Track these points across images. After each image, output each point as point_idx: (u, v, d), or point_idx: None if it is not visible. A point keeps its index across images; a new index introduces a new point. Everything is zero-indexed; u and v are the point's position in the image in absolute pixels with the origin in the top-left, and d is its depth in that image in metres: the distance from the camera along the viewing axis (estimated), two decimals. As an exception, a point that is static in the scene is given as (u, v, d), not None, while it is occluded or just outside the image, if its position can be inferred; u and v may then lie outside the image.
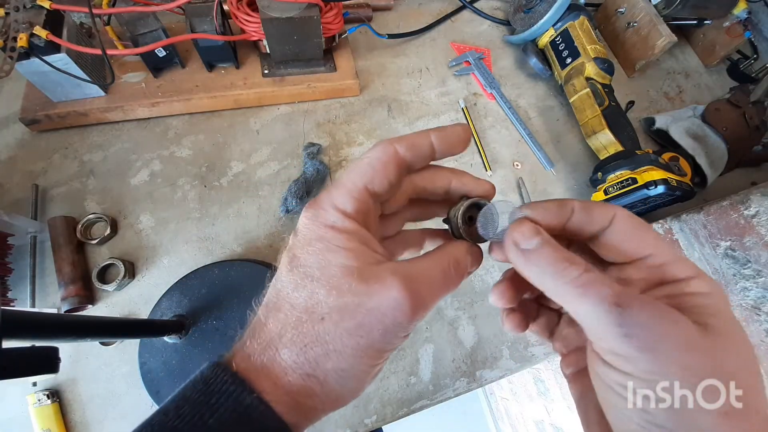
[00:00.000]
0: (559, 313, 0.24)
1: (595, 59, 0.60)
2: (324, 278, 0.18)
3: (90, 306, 0.45)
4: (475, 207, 0.21)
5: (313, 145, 0.56)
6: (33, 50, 0.43)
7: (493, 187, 0.22)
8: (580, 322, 0.16)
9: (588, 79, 0.61)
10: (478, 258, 0.21)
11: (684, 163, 0.56)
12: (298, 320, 0.17)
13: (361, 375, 0.18)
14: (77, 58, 0.47)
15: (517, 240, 0.18)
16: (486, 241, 0.21)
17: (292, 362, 0.17)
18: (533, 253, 0.17)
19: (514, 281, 0.22)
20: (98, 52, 0.46)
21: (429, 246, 0.24)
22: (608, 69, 0.61)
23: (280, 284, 0.19)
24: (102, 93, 0.52)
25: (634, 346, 0.14)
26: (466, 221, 0.21)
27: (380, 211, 0.21)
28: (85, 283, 0.45)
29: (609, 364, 0.16)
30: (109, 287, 0.45)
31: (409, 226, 0.25)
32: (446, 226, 0.23)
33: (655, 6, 0.66)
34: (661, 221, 0.54)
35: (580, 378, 0.21)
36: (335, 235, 0.18)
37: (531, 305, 0.24)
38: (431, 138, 0.20)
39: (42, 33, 0.42)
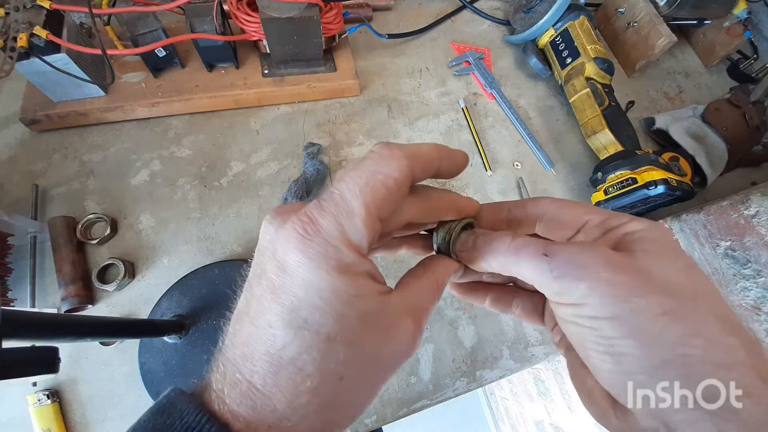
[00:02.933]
0: (540, 294, 0.24)
1: (595, 59, 0.60)
2: (342, 336, 0.15)
3: (90, 306, 0.45)
4: (469, 227, 0.22)
5: (313, 145, 0.56)
6: (33, 50, 0.43)
7: (478, 203, 0.22)
8: (529, 282, 0.18)
9: (588, 79, 0.61)
10: (458, 270, 0.22)
11: (684, 163, 0.56)
12: (316, 388, 0.15)
13: (369, 405, 0.18)
14: (77, 58, 0.47)
15: (460, 249, 0.21)
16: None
17: (305, 429, 0.15)
18: (474, 250, 0.19)
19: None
20: (98, 52, 0.46)
21: (403, 252, 0.23)
22: (608, 69, 0.61)
23: (276, 343, 0.15)
24: (102, 93, 0.52)
25: (567, 282, 0.16)
26: (455, 242, 0.21)
27: None
28: (85, 283, 0.45)
29: (560, 304, 0.17)
30: (109, 287, 0.45)
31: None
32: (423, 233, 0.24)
33: (655, 5, 0.66)
34: (661, 221, 0.54)
35: (566, 344, 0.21)
36: (351, 282, 0.15)
37: (506, 293, 0.25)
38: (442, 158, 0.18)
39: (42, 33, 0.42)
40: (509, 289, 0.25)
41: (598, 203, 0.57)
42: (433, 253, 0.22)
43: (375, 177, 0.16)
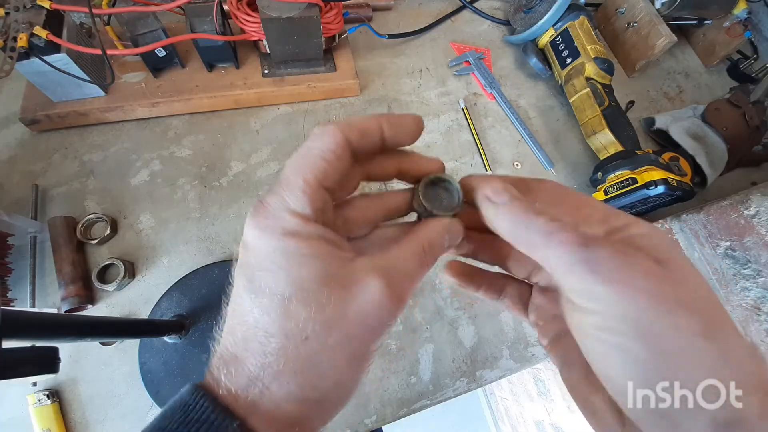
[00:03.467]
0: (528, 286, 0.24)
1: (595, 59, 0.60)
2: (298, 295, 0.15)
3: (90, 306, 0.45)
4: (433, 183, 0.21)
5: (313, 145, 0.56)
6: (33, 50, 0.43)
7: (442, 162, 0.21)
8: (550, 269, 0.17)
9: (588, 79, 0.61)
10: (458, 231, 0.20)
11: (684, 163, 0.56)
12: (280, 348, 0.15)
13: (357, 377, 0.17)
14: (77, 58, 0.47)
15: (488, 195, 0.19)
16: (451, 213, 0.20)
17: (284, 394, 0.15)
18: (504, 207, 0.18)
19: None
20: (98, 52, 0.46)
21: None
22: (608, 69, 0.61)
23: (243, 310, 0.16)
24: (102, 93, 0.52)
25: (600, 280, 0.15)
26: (429, 199, 0.20)
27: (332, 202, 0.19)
28: (85, 283, 0.45)
29: (582, 308, 0.16)
30: (109, 287, 0.45)
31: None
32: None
33: (655, 6, 0.66)
34: (661, 221, 0.54)
35: (558, 344, 0.21)
36: (299, 244, 0.16)
37: (498, 281, 0.24)
38: (382, 124, 0.18)
39: (42, 33, 0.42)
40: (500, 276, 0.24)
41: (598, 203, 0.57)
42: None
43: (311, 152, 0.17)
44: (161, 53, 0.52)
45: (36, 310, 0.44)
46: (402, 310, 0.17)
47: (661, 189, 0.50)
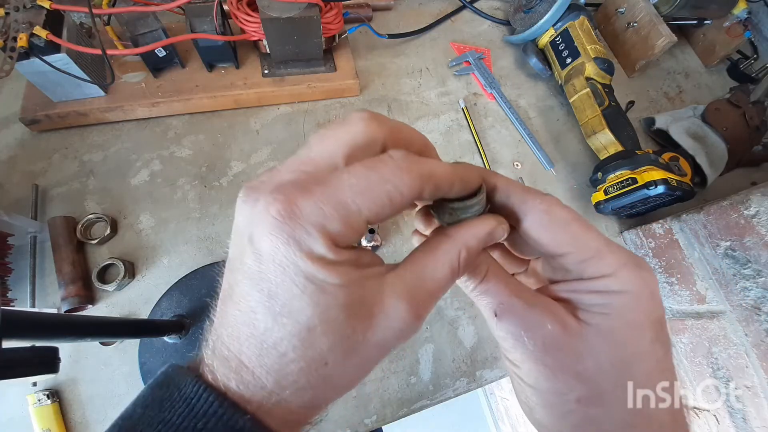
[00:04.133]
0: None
1: (595, 59, 0.60)
2: (323, 327, 0.14)
3: (90, 306, 0.45)
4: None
5: (313, 145, 0.56)
6: (33, 50, 0.43)
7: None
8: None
9: (588, 79, 0.61)
10: (503, 230, 0.19)
11: (684, 163, 0.56)
12: (300, 370, 0.15)
13: (362, 380, 0.17)
14: (77, 58, 0.47)
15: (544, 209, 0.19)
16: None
17: (298, 402, 0.15)
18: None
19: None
20: (98, 52, 0.46)
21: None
22: (608, 69, 0.61)
23: (258, 325, 0.15)
24: (102, 93, 0.52)
25: (508, 346, 0.18)
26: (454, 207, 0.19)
27: None
28: (85, 283, 0.45)
29: (502, 352, 0.19)
30: (109, 287, 0.45)
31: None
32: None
33: (655, 6, 0.66)
34: (661, 221, 0.54)
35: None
36: (328, 272, 0.14)
37: None
38: (455, 183, 0.17)
39: (42, 33, 0.42)
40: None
41: (598, 203, 0.57)
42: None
43: (384, 185, 0.15)
44: (161, 53, 0.52)
45: (36, 310, 0.44)
46: (421, 325, 0.17)
47: (661, 189, 0.50)
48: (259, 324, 0.15)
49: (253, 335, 0.15)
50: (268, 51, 0.55)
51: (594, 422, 0.17)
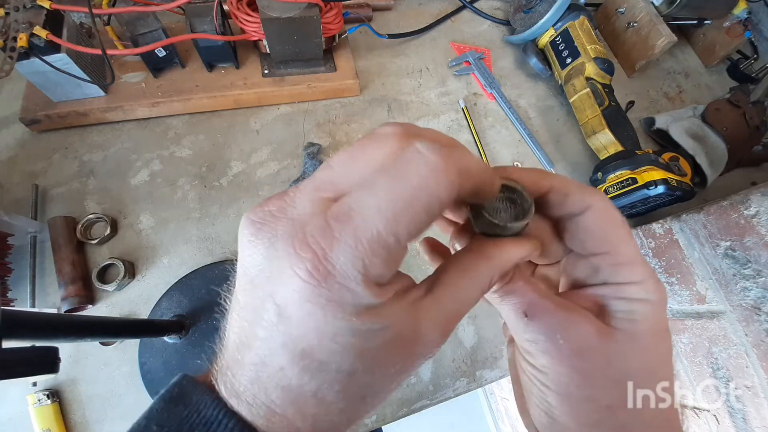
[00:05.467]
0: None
1: (595, 59, 0.60)
2: (365, 368, 0.14)
3: (90, 306, 0.45)
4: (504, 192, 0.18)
5: (313, 145, 0.56)
6: (33, 50, 0.43)
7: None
8: (504, 320, 0.19)
9: (588, 79, 0.61)
10: (537, 252, 0.18)
11: (684, 163, 0.56)
12: (340, 411, 0.14)
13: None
14: (77, 58, 0.47)
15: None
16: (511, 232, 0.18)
17: None
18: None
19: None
20: (98, 52, 0.46)
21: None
22: (608, 69, 0.61)
23: (293, 384, 0.13)
24: (102, 93, 0.52)
25: (536, 349, 0.17)
26: (495, 214, 0.17)
27: None
28: (85, 283, 0.45)
29: (524, 357, 0.18)
30: (109, 287, 0.45)
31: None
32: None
33: (655, 6, 0.66)
34: (661, 221, 0.54)
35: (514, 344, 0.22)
36: (372, 320, 0.13)
37: None
38: (495, 181, 0.16)
39: (42, 33, 0.42)
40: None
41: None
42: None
43: (419, 197, 0.12)
44: (161, 53, 0.52)
45: (36, 310, 0.44)
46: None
47: (661, 189, 0.50)
48: (292, 381, 0.13)
49: (284, 388, 0.13)
50: (268, 51, 0.55)
51: (623, 428, 0.17)
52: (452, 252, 0.20)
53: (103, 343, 0.44)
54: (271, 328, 0.13)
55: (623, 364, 0.17)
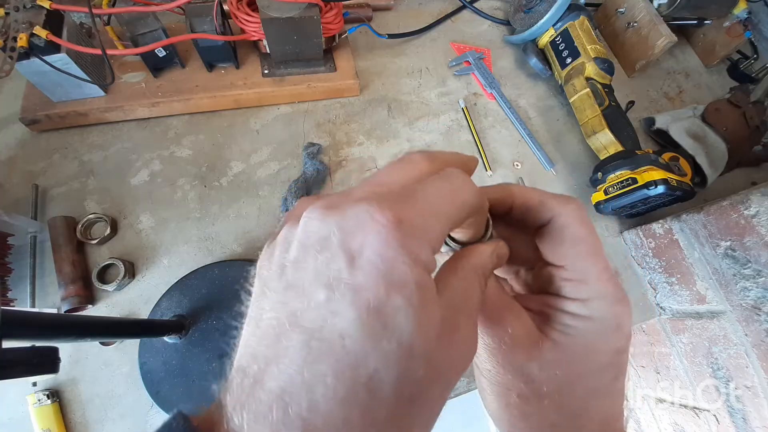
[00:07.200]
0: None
1: (595, 59, 0.60)
2: (423, 347, 0.13)
3: (90, 306, 0.45)
4: None
5: (313, 145, 0.56)
6: (33, 50, 0.43)
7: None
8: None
9: (588, 79, 0.61)
10: (506, 252, 0.19)
11: (684, 163, 0.56)
12: (387, 415, 0.12)
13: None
14: (77, 58, 0.47)
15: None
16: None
17: None
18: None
19: None
20: (98, 52, 0.46)
21: None
22: (608, 69, 0.61)
23: (350, 358, 0.12)
24: (102, 93, 0.52)
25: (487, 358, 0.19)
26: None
27: None
28: (85, 283, 0.45)
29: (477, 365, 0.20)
30: (109, 287, 0.45)
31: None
32: None
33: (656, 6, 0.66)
34: (661, 221, 0.54)
35: None
36: (431, 283, 0.14)
37: None
38: (513, 203, 0.19)
39: (42, 33, 0.42)
40: None
41: (598, 203, 0.57)
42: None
43: (459, 195, 0.15)
44: (161, 53, 0.52)
45: (36, 310, 0.44)
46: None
47: (661, 189, 0.50)
48: (351, 353, 0.12)
49: (338, 374, 0.12)
50: (268, 51, 0.55)
51: (529, 417, 0.19)
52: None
53: (103, 343, 0.44)
54: (338, 283, 0.12)
55: (540, 367, 0.18)
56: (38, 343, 0.25)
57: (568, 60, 0.63)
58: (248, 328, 0.14)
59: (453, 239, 0.19)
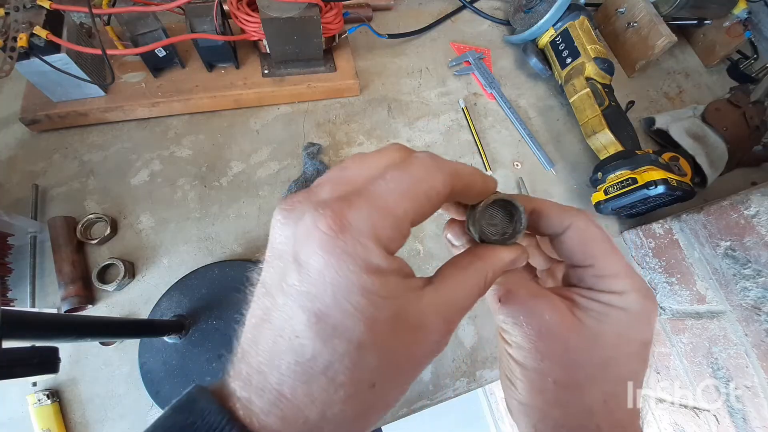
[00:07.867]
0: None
1: (595, 59, 0.60)
2: (374, 343, 0.14)
3: (90, 306, 0.45)
4: (494, 205, 0.20)
5: (313, 145, 0.56)
6: (33, 50, 0.43)
7: (496, 180, 0.21)
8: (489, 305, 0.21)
9: (588, 79, 0.61)
10: (524, 260, 0.20)
11: (684, 163, 0.56)
12: (348, 397, 0.14)
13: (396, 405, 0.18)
14: (77, 58, 0.47)
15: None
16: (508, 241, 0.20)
17: None
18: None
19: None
20: (98, 52, 0.46)
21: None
22: (608, 69, 0.61)
23: (304, 349, 0.14)
24: (102, 93, 0.52)
25: (506, 327, 0.20)
26: (492, 224, 0.20)
27: None
28: (85, 283, 0.45)
29: (501, 335, 0.21)
30: (109, 287, 0.45)
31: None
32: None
33: (655, 6, 0.66)
34: (661, 221, 0.54)
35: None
36: (382, 283, 0.14)
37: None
38: (488, 183, 0.19)
39: (42, 33, 0.42)
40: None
41: (598, 203, 0.57)
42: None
43: (420, 185, 0.15)
44: (161, 53, 0.52)
45: (36, 310, 0.44)
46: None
47: (661, 189, 0.50)
48: (306, 349, 0.14)
49: (298, 363, 0.14)
50: (268, 51, 0.55)
51: (563, 404, 0.19)
52: (448, 246, 0.23)
53: (103, 343, 0.44)
54: (291, 289, 0.14)
55: (577, 353, 0.19)
56: (38, 343, 0.25)
57: (568, 60, 0.63)
58: (246, 313, 0.16)
59: (483, 232, 0.20)
